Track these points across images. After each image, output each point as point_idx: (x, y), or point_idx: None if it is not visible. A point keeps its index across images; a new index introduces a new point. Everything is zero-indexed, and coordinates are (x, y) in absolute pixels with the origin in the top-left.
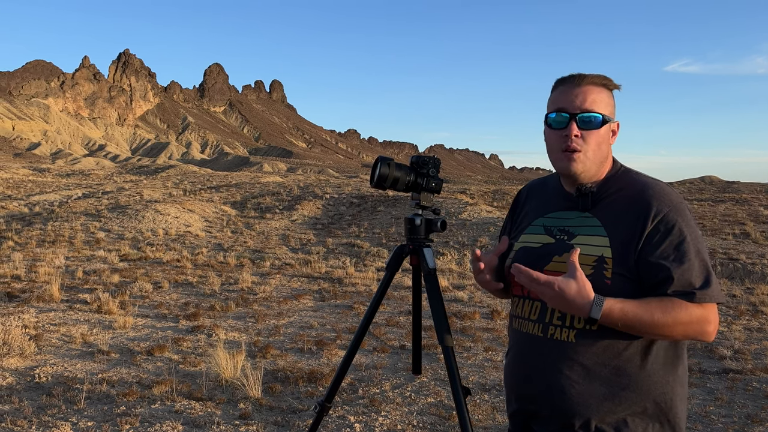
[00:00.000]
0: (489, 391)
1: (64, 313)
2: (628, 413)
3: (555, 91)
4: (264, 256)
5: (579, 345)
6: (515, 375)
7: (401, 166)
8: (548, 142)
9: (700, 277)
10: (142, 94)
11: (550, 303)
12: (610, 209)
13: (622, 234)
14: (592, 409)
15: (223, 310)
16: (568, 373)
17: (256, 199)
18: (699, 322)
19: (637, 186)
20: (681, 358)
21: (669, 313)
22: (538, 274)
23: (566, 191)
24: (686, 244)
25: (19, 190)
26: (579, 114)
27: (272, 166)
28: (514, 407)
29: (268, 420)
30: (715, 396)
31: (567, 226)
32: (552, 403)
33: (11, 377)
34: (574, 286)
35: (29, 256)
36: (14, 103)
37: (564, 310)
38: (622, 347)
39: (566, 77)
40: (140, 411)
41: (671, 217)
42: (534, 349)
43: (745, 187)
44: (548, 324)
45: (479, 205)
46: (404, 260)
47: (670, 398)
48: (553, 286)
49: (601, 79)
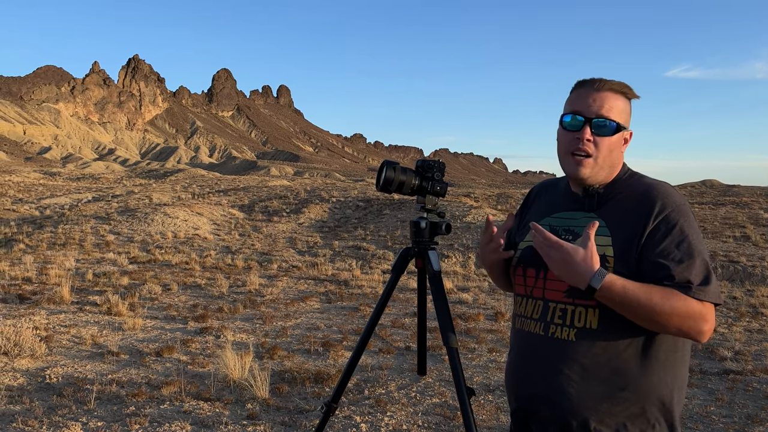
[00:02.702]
0: (493, 392)
1: (74, 315)
2: (626, 415)
3: (574, 93)
4: (271, 258)
5: (579, 344)
6: (516, 374)
7: (407, 170)
8: (560, 141)
9: (699, 276)
10: (152, 99)
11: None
12: (615, 210)
13: (624, 233)
14: (590, 410)
15: (231, 312)
16: (568, 372)
17: (264, 202)
18: (696, 318)
19: (641, 187)
20: (682, 362)
21: (668, 299)
22: (550, 234)
23: (573, 192)
24: (687, 243)
25: (30, 194)
26: (594, 119)
27: (279, 169)
28: (514, 406)
29: (275, 420)
30: (716, 396)
31: (572, 227)
32: (550, 402)
33: (22, 378)
34: (582, 253)
35: (40, 259)
36: (25, 107)
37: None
38: (622, 348)
39: (587, 80)
40: (149, 411)
41: (673, 216)
42: (535, 347)
43: (745, 191)
44: (549, 323)
45: (483, 208)
46: (409, 263)
47: (669, 401)
48: (562, 248)
49: (620, 87)
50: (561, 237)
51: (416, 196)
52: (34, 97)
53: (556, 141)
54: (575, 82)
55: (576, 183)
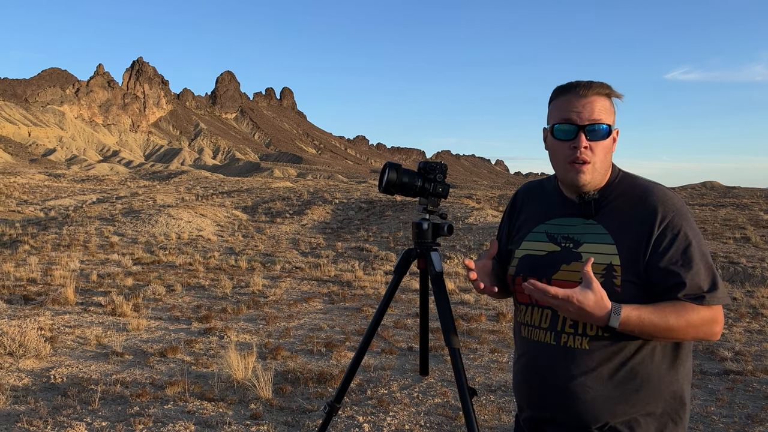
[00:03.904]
0: (495, 392)
1: (78, 316)
2: (643, 413)
3: (557, 100)
4: (274, 259)
5: (592, 351)
6: (528, 382)
7: (409, 172)
8: (554, 152)
9: (707, 281)
10: (156, 101)
11: (568, 315)
12: (614, 215)
13: (629, 241)
14: (608, 412)
15: (234, 313)
16: (583, 379)
17: (267, 203)
18: (708, 323)
19: (638, 190)
20: (687, 357)
21: (682, 316)
22: (556, 289)
23: (567, 197)
24: (692, 249)
25: (35, 195)
26: (587, 126)
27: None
28: (528, 414)
29: (278, 420)
30: (716, 397)
31: (571, 234)
32: (568, 409)
33: (27, 378)
34: (592, 298)
35: (45, 260)
36: (30, 110)
37: (582, 320)
38: (634, 350)
39: (568, 86)
40: (153, 411)
41: (677, 221)
42: (547, 357)
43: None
44: (560, 332)
45: (485, 209)
46: (412, 264)
47: (680, 396)
48: (572, 300)
49: (605, 89)
50: (561, 245)
51: (418, 197)
52: (39, 99)
53: (547, 150)
54: (555, 89)
55: (573, 189)
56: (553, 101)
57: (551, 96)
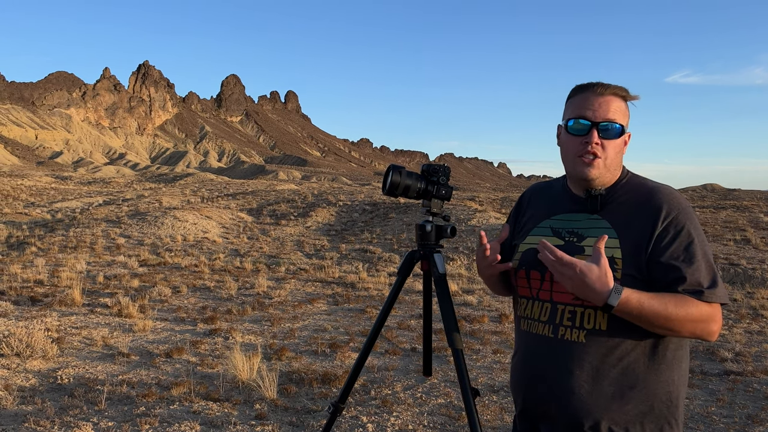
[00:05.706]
0: (497, 392)
1: (85, 317)
2: (636, 413)
3: (575, 97)
4: (279, 261)
5: (589, 346)
6: (524, 375)
7: (412, 174)
8: (566, 147)
9: (707, 278)
10: (161, 104)
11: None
12: (619, 211)
13: (632, 235)
14: (601, 409)
15: (239, 314)
16: (578, 373)
17: (272, 206)
18: (707, 320)
19: (645, 189)
20: (684, 359)
21: (682, 307)
22: (562, 253)
23: (574, 194)
24: (695, 246)
25: (42, 198)
26: (601, 123)
27: (287, 174)
28: (522, 408)
29: (283, 420)
30: (717, 397)
31: (576, 228)
32: (561, 403)
33: (34, 379)
34: (596, 271)
35: (51, 262)
36: (37, 113)
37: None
38: (630, 347)
39: (587, 85)
40: (159, 411)
41: (680, 219)
42: (544, 349)
43: (745, 195)
44: (558, 325)
45: (488, 211)
46: (415, 265)
47: (676, 396)
48: (575, 268)
49: (621, 91)
50: (565, 239)
51: (422, 199)
52: (45, 103)
53: (560, 146)
54: (574, 87)
55: (581, 185)
56: (570, 99)
57: (569, 94)
